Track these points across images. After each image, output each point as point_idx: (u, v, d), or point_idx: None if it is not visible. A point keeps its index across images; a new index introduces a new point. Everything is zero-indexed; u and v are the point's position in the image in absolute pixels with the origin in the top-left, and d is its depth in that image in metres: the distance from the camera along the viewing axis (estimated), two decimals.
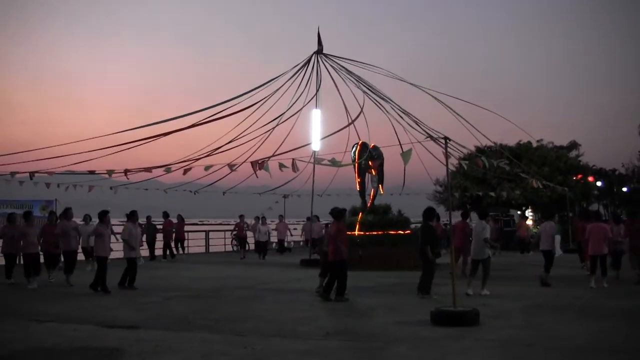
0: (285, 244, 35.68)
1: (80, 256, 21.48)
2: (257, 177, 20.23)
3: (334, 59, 26.81)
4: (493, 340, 10.47)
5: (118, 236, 19.54)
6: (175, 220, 30.40)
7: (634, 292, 16.93)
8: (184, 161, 21.66)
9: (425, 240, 16.09)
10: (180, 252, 30.41)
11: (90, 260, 21.96)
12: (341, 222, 16.53)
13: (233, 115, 23.47)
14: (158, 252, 29.16)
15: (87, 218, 22.79)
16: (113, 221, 20.91)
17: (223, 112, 23.05)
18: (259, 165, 19.75)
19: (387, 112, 25.21)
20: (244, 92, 24.47)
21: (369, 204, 26.54)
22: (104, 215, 18.06)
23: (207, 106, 23.16)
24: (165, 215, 30.18)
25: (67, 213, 19.70)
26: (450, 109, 23.55)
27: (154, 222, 29.86)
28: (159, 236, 29.41)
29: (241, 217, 32.50)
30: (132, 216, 18.44)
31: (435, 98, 23.88)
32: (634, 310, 13.85)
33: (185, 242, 30.92)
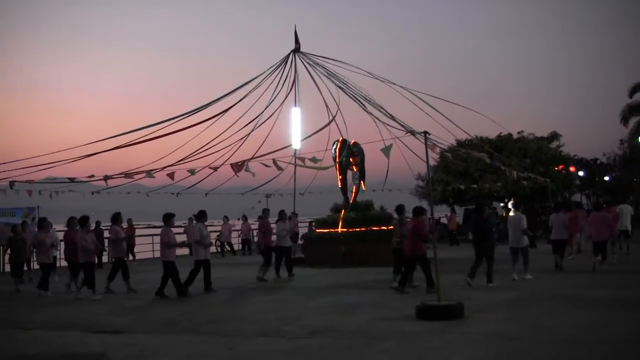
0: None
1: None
2: (237, 176, 20.19)
3: (311, 57, 26.80)
4: (478, 333, 10.49)
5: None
6: (125, 225, 25.43)
7: (621, 282, 16.97)
8: (165, 166, 21.57)
9: (488, 232, 17.38)
10: (131, 259, 27.43)
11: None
12: (420, 219, 16.66)
13: (211, 119, 23.44)
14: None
15: (14, 228, 21.35)
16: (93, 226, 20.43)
17: (203, 114, 23.07)
18: (239, 167, 19.72)
19: (365, 108, 25.22)
20: (222, 95, 24.48)
21: (351, 201, 26.60)
22: (169, 219, 17.58)
23: (185, 109, 23.05)
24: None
25: (87, 222, 18.33)
26: (429, 104, 23.60)
27: (102, 228, 27.54)
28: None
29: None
30: (201, 216, 18.19)
31: (413, 93, 23.93)
32: (621, 299, 13.84)
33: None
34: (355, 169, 26.72)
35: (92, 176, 19.68)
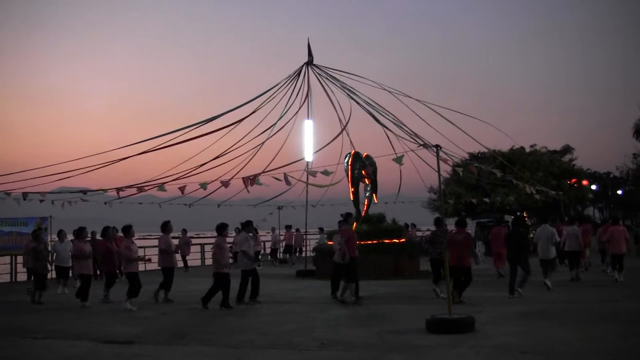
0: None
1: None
2: (248, 192, 20.20)
3: (324, 70, 26.84)
4: (489, 346, 10.46)
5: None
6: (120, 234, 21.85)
7: (631, 296, 16.95)
8: (177, 177, 21.60)
9: (525, 244, 17.73)
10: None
11: (62, 280, 20.86)
12: (465, 231, 17.45)
13: (224, 129, 23.46)
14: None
15: (62, 234, 20.72)
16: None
17: (215, 124, 23.08)
18: (251, 181, 19.74)
19: (378, 121, 25.24)
20: (234, 107, 24.52)
21: (363, 213, 26.55)
22: (223, 229, 17.31)
23: (199, 119, 23.06)
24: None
25: (129, 231, 17.78)
26: (442, 116, 23.67)
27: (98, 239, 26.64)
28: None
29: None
30: (247, 226, 17.99)
31: (427, 105, 23.98)
32: (631, 313, 13.83)
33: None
34: (367, 182, 26.69)
35: (105, 189, 19.74)
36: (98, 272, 22.46)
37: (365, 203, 26.89)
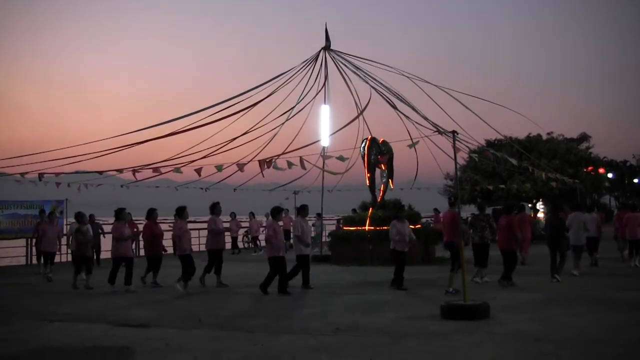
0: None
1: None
2: (263, 176, 20.13)
3: (341, 55, 26.78)
4: (503, 333, 10.42)
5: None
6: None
7: None
8: (193, 160, 21.53)
9: (564, 230, 18.28)
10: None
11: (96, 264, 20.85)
12: (511, 217, 17.57)
13: (240, 112, 23.35)
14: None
15: (82, 217, 19.45)
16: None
17: (231, 108, 22.95)
18: (267, 164, 19.67)
19: (394, 106, 25.14)
20: (251, 87, 24.39)
21: (379, 199, 26.52)
22: (278, 213, 17.49)
23: (214, 103, 22.92)
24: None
25: (184, 213, 17.77)
26: (460, 102, 23.54)
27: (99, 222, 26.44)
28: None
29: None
30: (302, 210, 17.88)
31: (445, 90, 23.87)
32: None
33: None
34: (383, 168, 26.63)
35: (121, 169, 19.72)
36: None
37: (381, 189, 26.84)
